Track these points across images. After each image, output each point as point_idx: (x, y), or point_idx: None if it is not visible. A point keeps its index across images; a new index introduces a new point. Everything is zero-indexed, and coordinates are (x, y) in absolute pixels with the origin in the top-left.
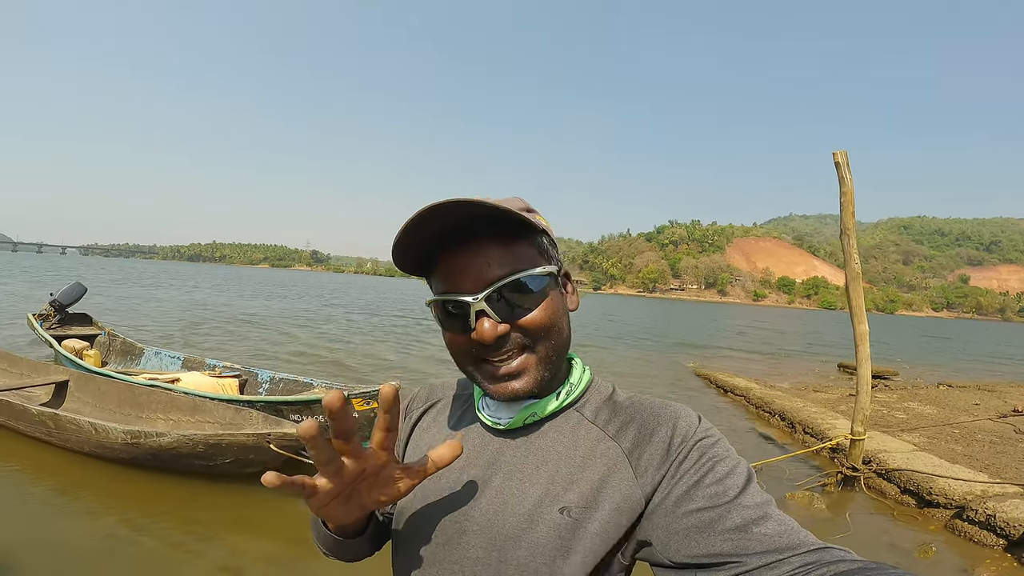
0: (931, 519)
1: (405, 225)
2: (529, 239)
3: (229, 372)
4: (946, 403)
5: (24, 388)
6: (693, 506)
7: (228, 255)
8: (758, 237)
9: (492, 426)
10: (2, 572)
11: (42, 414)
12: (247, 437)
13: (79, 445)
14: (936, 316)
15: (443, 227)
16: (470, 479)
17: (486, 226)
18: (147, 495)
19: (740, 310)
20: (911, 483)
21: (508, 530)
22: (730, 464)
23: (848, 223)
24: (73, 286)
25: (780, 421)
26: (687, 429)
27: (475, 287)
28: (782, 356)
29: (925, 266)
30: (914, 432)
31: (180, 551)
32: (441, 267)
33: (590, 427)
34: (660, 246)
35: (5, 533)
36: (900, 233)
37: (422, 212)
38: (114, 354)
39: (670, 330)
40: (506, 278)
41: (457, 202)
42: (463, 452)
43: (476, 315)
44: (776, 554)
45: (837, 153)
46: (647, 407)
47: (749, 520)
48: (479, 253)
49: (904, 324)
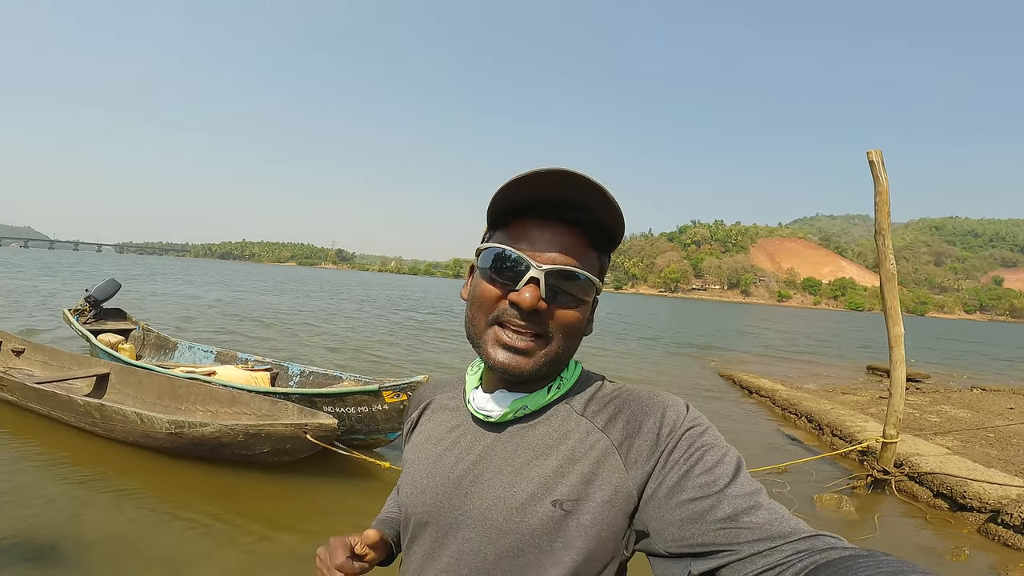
0: (964, 523)
1: (539, 171)
2: (600, 252)
3: (261, 366)
4: (980, 407)
5: (67, 380)
6: (684, 496)
7: (257, 253)
8: (783, 237)
9: (483, 419)
10: (56, 551)
11: (88, 405)
12: (285, 427)
13: (124, 435)
14: (968, 318)
15: (549, 195)
16: (463, 473)
17: (581, 215)
18: (187, 483)
19: (763, 310)
20: (944, 487)
21: (501, 523)
22: (719, 452)
23: (883, 223)
24: (108, 282)
25: (807, 423)
26: (675, 418)
27: (544, 259)
28: (808, 357)
29: (957, 267)
30: (947, 435)
31: (211, 539)
32: (518, 227)
33: (579, 419)
34: (682, 246)
35: (58, 517)
36: (932, 234)
37: (563, 171)
38: (148, 348)
39: (688, 330)
40: (574, 267)
41: (591, 183)
42: (455, 448)
43: (528, 280)
44: (768, 542)
45: (872, 152)
46: (635, 397)
47: (740, 509)
48: (561, 234)
49: (933, 326)
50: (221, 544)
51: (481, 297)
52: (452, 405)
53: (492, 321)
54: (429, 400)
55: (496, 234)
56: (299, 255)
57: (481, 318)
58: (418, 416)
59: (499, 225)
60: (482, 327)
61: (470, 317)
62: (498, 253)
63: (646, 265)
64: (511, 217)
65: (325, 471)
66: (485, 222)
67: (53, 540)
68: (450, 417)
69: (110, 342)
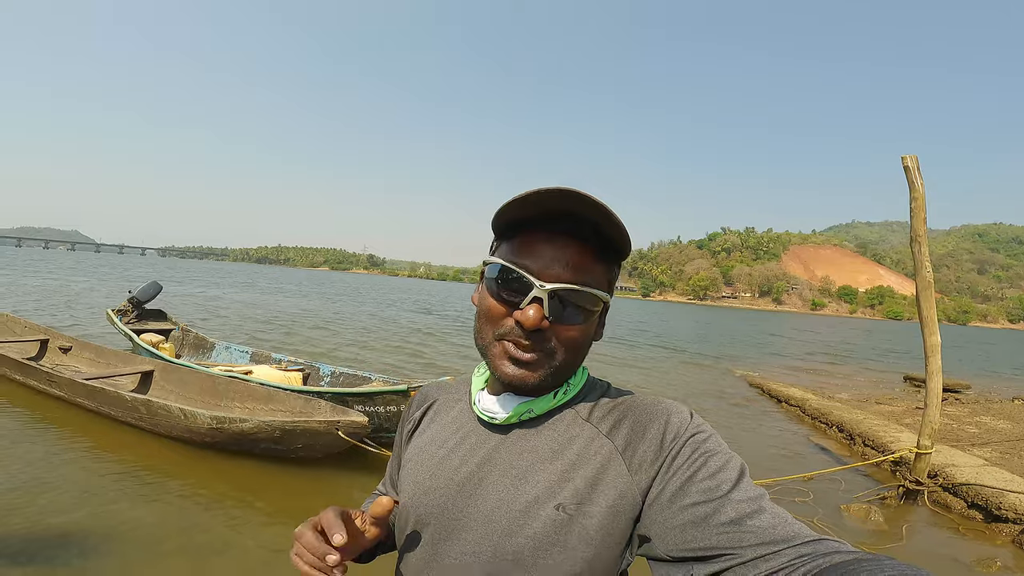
0: (999, 534)
1: (541, 191)
2: (609, 265)
3: (294, 366)
4: (1021, 418)
5: (113, 376)
6: (687, 501)
7: (292, 258)
8: (817, 245)
9: (488, 421)
10: (99, 538)
11: (135, 400)
12: (318, 424)
13: (168, 429)
14: (1013, 328)
15: (558, 210)
16: (467, 475)
17: (587, 231)
18: (225, 476)
19: (796, 319)
20: (979, 498)
21: (504, 526)
22: (723, 459)
23: (919, 230)
24: (150, 284)
25: (838, 433)
26: (679, 425)
27: (547, 276)
28: (842, 366)
29: (1002, 275)
30: (986, 447)
31: (245, 528)
32: (524, 240)
33: (584, 424)
34: (712, 253)
35: (102, 505)
36: (975, 240)
37: (565, 190)
38: (187, 347)
39: (715, 338)
40: (577, 285)
41: (596, 202)
42: (459, 449)
43: (531, 299)
44: (771, 546)
45: (907, 157)
46: (639, 404)
47: (743, 514)
48: (567, 249)
49: (976, 335)
50: (253, 533)
51: (488, 311)
52: (457, 407)
53: (499, 336)
54: (433, 401)
55: (503, 245)
56: (331, 260)
57: (488, 332)
58: (420, 416)
59: (506, 236)
60: (489, 340)
61: (478, 328)
62: (502, 269)
63: (675, 272)
64: (518, 229)
65: (353, 467)
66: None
67: (95, 527)
68: (455, 418)
69: (151, 341)
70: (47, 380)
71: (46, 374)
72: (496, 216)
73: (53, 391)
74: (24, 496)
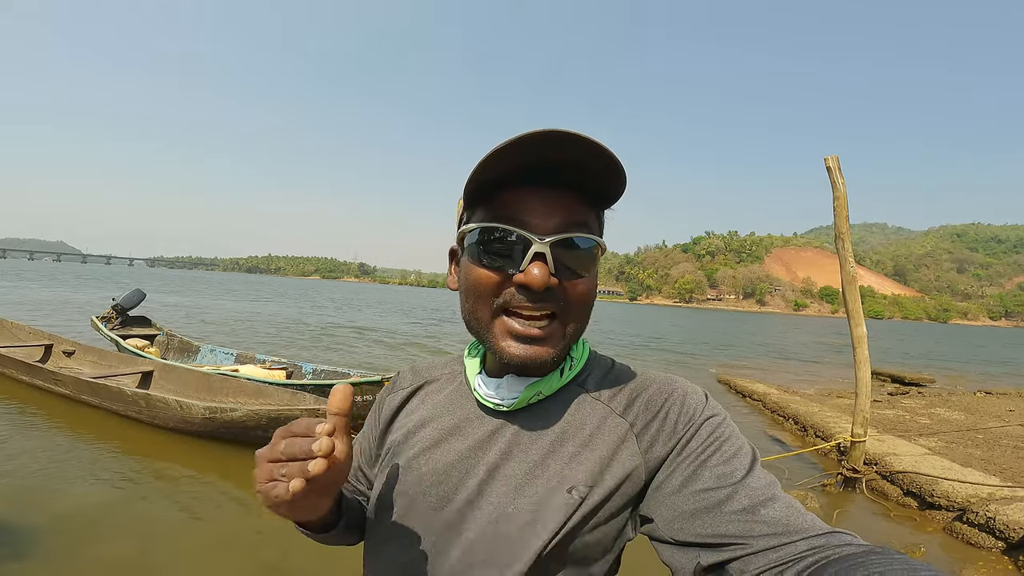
0: (931, 521)
1: (512, 140)
2: (597, 210)
3: (277, 365)
4: (978, 409)
5: (116, 376)
6: (699, 486)
7: (282, 267)
8: (799, 247)
9: (493, 408)
10: (99, 522)
11: (135, 395)
12: (301, 412)
13: (165, 421)
14: (994, 325)
15: (538, 160)
16: (474, 462)
17: (574, 177)
18: (216, 463)
19: (778, 319)
20: (914, 485)
21: (514, 511)
22: (736, 444)
23: (842, 228)
24: (133, 292)
25: (793, 424)
26: (695, 407)
27: (543, 229)
28: (813, 363)
29: (981, 274)
30: (933, 437)
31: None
32: (505, 199)
33: (595, 403)
34: (697, 257)
35: (112, 491)
36: (953, 240)
37: (546, 132)
38: (172, 352)
39: (696, 338)
40: (580, 232)
41: (586, 140)
42: (459, 436)
43: (533, 257)
44: (783, 536)
45: (828, 158)
46: (652, 382)
47: (756, 502)
48: (558, 199)
49: (956, 333)
50: (238, 515)
51: (478, 285)
52: (450, 388)
53: (498, 310)
54: (420, 384)
55: (478, 211)
56: (323, 269)
57: (484, 309)
58: (403, 400)
59: (480, 200)
60: (487, 319)
61: (470, 309)
62: (486, 231)
63: (660, 276)
64: (495, 190)
65: None
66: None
67: (98, 513)
68: (449, 402)
69: (137, 346)
70: (53, 379)
71: (51, 373)
72: (471, 178)
73: (59, 389)
74: (32, 483)
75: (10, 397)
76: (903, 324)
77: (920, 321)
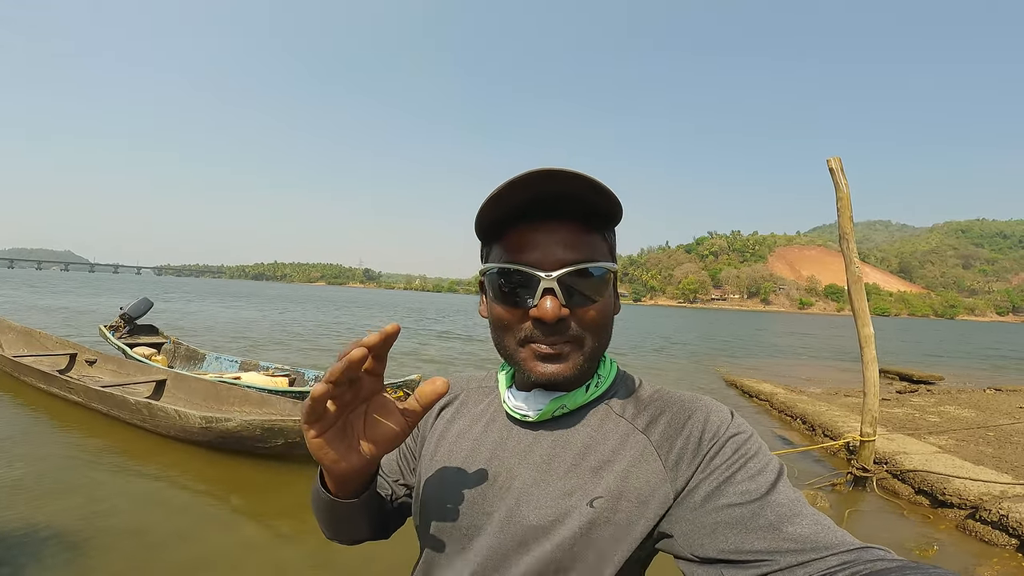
0: (943, 519)
1: (511, 181)
2: (603, 233)
3: (280, 372)
4: (988, 407)
5: (130, 385)
6: (724, 502)
7: (288, 274)
8: (802, 246)
9: (520, 419)
10: (99, 527)
11: (139, 403)
12: (294, 423)
13: (166, 429)
14: (1001, 320)
15: (535, 197)
16: (498, 471)
17: (572, 207)
18: (214, 473)
19: (783, 318)
20: (925, 484)
21: (535, 521)
22: (763, 460)
23: (846, 228)
24: (141, 301)
25: (801, 424)
26: (719, 424)
27: (549, 264)
28: (819, 362)
29: (987, 269)
30: (943, 435)
31: (223, 522)
32: (513, 237)
33: (618, 420)
34: (700, 257)
35: (114, 495)
36: (958, 237)
37: (533, 174)
38: (179, 359)
39: (701, 338)
40: (582, 263)
41: (574, 174)
42: (490, 445)
43: (543, 292)
44: (811, 552)
45: (831, 160)
46: (676, 400)
47: (783, 517)
48: (559, 231)
49: (963, 329)
50: (235, 522)
51: (501, 320)
52: (485, 402)
53: (522, 341)
54: (456, 395)
55: (494, 249)
56: (328, 275)
57: (510, 340)
58: (441, 409)
59: (492, 239)
60: (513, 346)
61: (497, 339)
62: (502, 273)
63: (664, 277)
64: (503, 229)
65: None
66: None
67: (100, 515)
68: (483, 414)
69: (144, 354)
70: (66, 388)
71: (64, 382)
72: (477, 221)
73: (72, 397)
74: (38, 486)
75: (35, 405)
76: (910, 321)
77: (927, 317)
